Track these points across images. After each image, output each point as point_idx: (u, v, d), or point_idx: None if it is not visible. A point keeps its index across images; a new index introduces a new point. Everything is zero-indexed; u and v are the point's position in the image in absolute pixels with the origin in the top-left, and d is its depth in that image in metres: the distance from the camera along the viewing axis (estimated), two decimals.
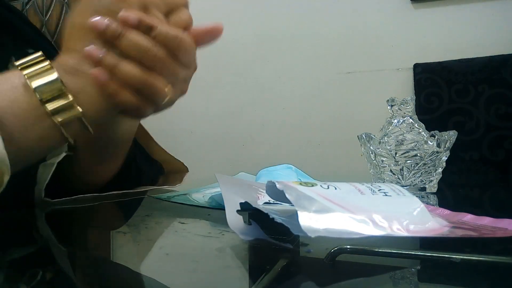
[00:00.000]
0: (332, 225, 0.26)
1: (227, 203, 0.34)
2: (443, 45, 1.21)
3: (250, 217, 0.32)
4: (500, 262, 0.25)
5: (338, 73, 1.32)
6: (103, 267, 0.30)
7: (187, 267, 0.29)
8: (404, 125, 0.59)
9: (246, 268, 0.29)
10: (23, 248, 0.34)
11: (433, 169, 0.57)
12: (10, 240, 0.37)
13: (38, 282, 0.25)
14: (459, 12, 1.20)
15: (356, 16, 1.30)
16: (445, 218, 0.35)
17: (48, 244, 0.37)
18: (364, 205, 0.29)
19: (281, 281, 0.24)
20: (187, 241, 0.36)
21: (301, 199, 0.27)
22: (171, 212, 0.50)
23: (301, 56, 1.36)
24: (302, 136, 1.34)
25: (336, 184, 0.32)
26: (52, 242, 0.38)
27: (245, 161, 1.33)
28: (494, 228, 0.31)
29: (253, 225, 0.32)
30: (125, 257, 0.32)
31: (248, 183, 0.45)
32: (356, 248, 0.26)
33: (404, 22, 1.25)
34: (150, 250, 0.33)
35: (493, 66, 1.11)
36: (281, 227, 0.28)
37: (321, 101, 1.33)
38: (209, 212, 0.46)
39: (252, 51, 1.39)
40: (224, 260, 0.30)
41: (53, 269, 0.29)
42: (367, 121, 1.04)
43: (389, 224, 0.27)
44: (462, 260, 0.24)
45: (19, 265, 0.30)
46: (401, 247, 0.27)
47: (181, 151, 1.01)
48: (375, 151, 0.58)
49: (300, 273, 0.27)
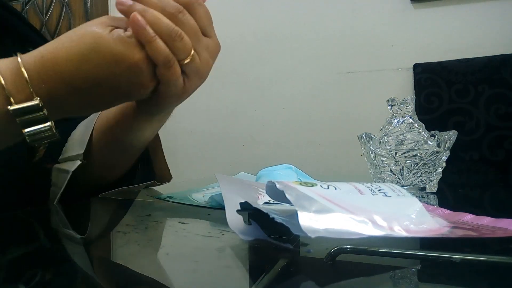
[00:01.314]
0: (332, 225, 0.26)
1: (227, 203, 0.34)
2: (443, 45, 1.21)
3: (250, 217, 0.32)
4: (500, 262, 0.25)
5: (338, 73, 1.32)
6: (103, 267, 0.30)
7: (187, 267, 0.29)
8: (404, 125, 0.59)
9: (246, 268, 0.29)
10: (21, 248, 0.34)
11: (433, 169, 0.57)
12: (13, 239, 0.37)
13: (37, 282, 0.25)
14: (459, 12, 1.20)
15: (356, 16, 1.30)
16: (445, 218, 0.35)
17: (48, 244, 0.37)
18: (364, 206, 0.29)
19: (281, 281, 0.24)
20: (187, 241, 0.36)
21: (301, 199, 0.27)
22: (171, 212, 0.50)
23: (301, 56, 1.36)
24: (302, 136, 1.34)
25: (336, 184, 0.32)
26: (52, 241, 0.38)
27: (245, 161, 1.33)
28: (494, 228, 0.31)
29: (253, 225, 0.32)
30: (125, 257, 0.32)
31: (248, 183, 0.45)
32: (356, 248, 0.26)
33: (404, 22, 1.25)
34: (150, 250, 0.33)
35: (493, 66, 1.11)
36: (281, 227, 0.28)
37: (321, 101, 1.33)
38: (209, 212, 0.46)
39: (252, 51, 1.39)
40: (224, 260, 0.30)
41: (53, 269, 0.29)
42: (367, 121, 1.05)
43: (389, 224, 0.27)
44: (462, 260, 0.24)
45: (19, 265, 0.30)
46: (401, 247, 0.27)
47: (181, 151, 1.02)
48: (375, 151, 0.58)
49: (300, 273, 0.27)
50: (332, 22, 1.33)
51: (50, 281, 0.26)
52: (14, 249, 0.34)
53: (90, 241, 0.37)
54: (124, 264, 0.30)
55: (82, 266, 0.30)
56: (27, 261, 0.30)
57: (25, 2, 1.80)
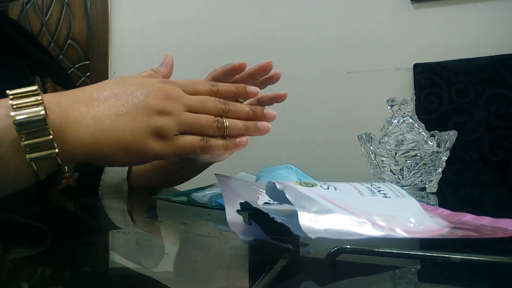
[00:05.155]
0: (332, 226, 0.26)
1: (227, 203, 0.34)
2: (443, 45, 1.21)
3: (250, 217, 0.32)
4: (500, 262, 0.25)
5: (338, 73, 1.32)
6: (103, 267, 0.30)
7: (187, 267, 0.29)
8: (404, 125, 0.59)
9: (246, 268, 0.29)
10: (21, 248, 0.34)
11: (433, 169, 0.57)
12: (13, 239, 0.37)
13: (37, 280, 0.25)
14: (459, 12, 1.20)
15: (356, 16, 1.30)
16: (445, 218, 0.35)
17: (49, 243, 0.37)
18: (364, 207, 0.29)
19: (281, 281, 0.24)
20: (187, 241, 0.36)
21: (301, 200, 0.27)
22: (171, 212, 0.50)
23: (301, 56, 1.36)
24: (302, 136, 1.34)
25: (336, 185, 0.32)
26: (52, 240, 0.38)
27: (245, 161, 1.33)
28: (494, 228, 0.31)
29: (253, 225, 0.32)
30: (125, 257, 0.32)
31: (248, 183, 0.45)
32: (356, 248, 0.26)
33: (404, 22, 1.25)
34: (150, 250, 0.33)
35: (493, 66, 1.11)
36: (281, 227, 0.28)
37: (321, 101, 1.33)
38: (209, 212, 0.46)
39: (252, 51, 1.39)
40: (224, 260, 0.30)
41: (53, 269, 0.29)
42: (367, 121, 1.04)
43: (388, 225, 0.27)
44: (462, 260, 0.24)
45: (19, 265, 0.30)
46: (401, 247, 0.27)
47: None
48: (375, 151, 0.58)
49: (300, 273, 0.27)
50: (332, 22, 1.33)
51: (50, 280, 0.26)
52: (14, 249, 0.34)
53: (90, 241, 0.37)
54: (124, 264, 0.30)
55: (81, 266, 0.30)
56: (26, 261, 0.30)
57: (25, 2, 1.80)
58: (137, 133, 0.37)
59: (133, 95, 0.38)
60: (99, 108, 0.37)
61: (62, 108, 0.36)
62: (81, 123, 0.36)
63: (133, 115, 0.37)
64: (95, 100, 0.37)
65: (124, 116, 0.37)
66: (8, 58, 0.58)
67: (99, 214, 0.54)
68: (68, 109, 0.36)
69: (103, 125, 0.36)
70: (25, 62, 0.61)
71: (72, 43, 1.73)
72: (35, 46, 0.65)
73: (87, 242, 0.37)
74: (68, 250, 0.34)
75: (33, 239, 0.37)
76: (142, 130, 0.38)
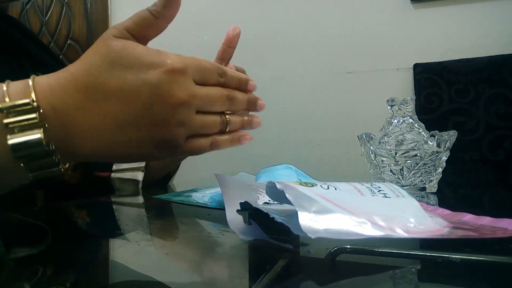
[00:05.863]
0: (332, 225, 0.26)
1: (227, 203, 0.34)
2: (443, 45, 1.21)
3: (250, 217, 0.31)
4: (500, 262, 0.25)
5: (338, 73, 1.32)
6: (103, 266, 0.30)
7: (187, 267, 0.29)
8: (404, 125, 0.59)
9: (246, 268, 0.29)
10: (21, 248, 0.34)
11: (433, 169, 0.57)
12: (13, 240, 0.37)
13: (38, 279, 0.25)
14: (459, 12, 1.20)
15: (356, 16, 1.30)
16: (445, 218, 0.35)
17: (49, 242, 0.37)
18: (364, 207, 0.29)
19: (281, 281, 0.24)
20: (187, 241, 0.36)
21: (301, 200, 0.27)
22: (171, 212, 0.50)
23: (301, 56, 1.36)
24: (302, 136, 1.34)
25: (336, 184, 0.32)
26: (52, 239, 0.38)
27: (245, 161, 1.33)
28: (494, 228, 0.31)
29: (253, 225, 0.32)
30: (125, 257, 0.32)
31: (248, 183, 0.45)
32: (356, 248, 0.26)
33: (404, 22, 1.25)
34: (150, 250, 0.33)
35: (493, 66, 1.11)
36: (281, 227, 0.28)
37: (321, 101, 1.33)
38: (209, 212, 0.46)
39: (252, 51, 1.39)
40: (224, 260, 0.30)
41: (53, 268, 0.29)
42: (367, 121, 1.04)
43: (388, 225, 0.27)
44: (462, 260, 0.24)
45: (19, 265, 0.30)
46: (401, 247, 0.27)
47: None
48: (375, 151, 0.58)
49: (300, 273, 0.27)
50: (332, 22, 1.33)
51: (50, 280, 0.26)
52: (15, 248, 0.34)
53: (90, 240, 0.37)
54: (124, 264, 0.30)
55: (82, 266, 0.30)
56: (26, 261, 0.30)
57: (25, 2, 1.80)
58: (142, 145, 0.34)
59: (135, 100, 0.32)
60: (99, 117, 0.32)
61: (58, 113, 0.32)
62: (80, 136, 0.33)
63: (137, 126, 0.33)
64: (90, 100, 0.32)
65: (127, 130, 0.33)
66: (8, 56, 0.58)
67: (99, 213, 0.54)
68: (64, 117, 0.32)
69: (103, 139, 0.33)
70: (26, 60, 0.61)
71: (72, 43, 1.73)
72: (36, 44, 0.65)
73: (87, 241, 0.37)
74: (68, 249, 0.34)
75: (33, 238, 0.37)
76: (148, 143, 0.34)
